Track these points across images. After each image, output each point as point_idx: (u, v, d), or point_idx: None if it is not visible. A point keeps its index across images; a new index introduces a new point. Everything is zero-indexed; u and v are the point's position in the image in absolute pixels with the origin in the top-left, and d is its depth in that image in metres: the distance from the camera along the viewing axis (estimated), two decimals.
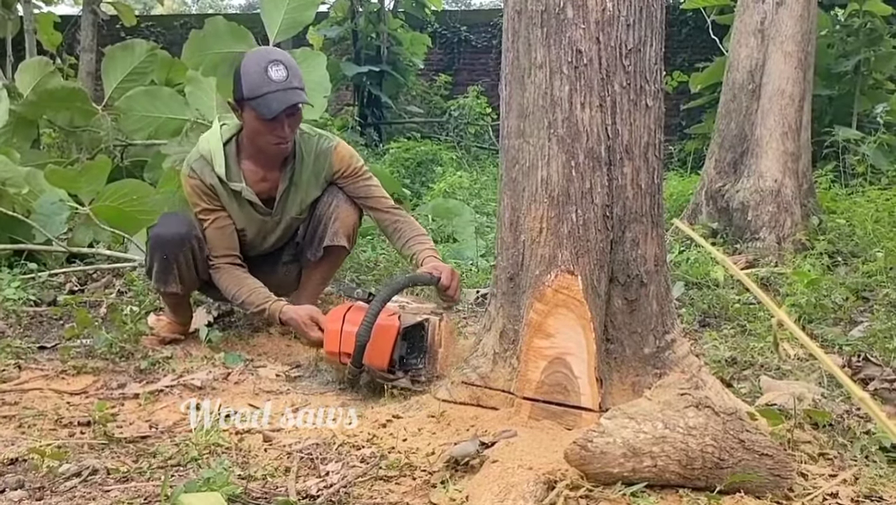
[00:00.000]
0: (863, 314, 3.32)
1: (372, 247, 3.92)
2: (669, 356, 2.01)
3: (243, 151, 2.72)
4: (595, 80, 1.91)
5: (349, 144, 2.92)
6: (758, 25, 4.97)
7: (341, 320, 2.36)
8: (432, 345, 2.37)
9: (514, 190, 2.03)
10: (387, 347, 2.30)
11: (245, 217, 2.78)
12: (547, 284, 1.90)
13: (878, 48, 7.39)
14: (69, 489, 1.63)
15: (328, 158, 2.78)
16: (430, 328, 2.37)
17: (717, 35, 8.64)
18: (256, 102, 2.51)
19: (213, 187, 2.69)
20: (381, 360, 2.31)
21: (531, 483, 1.56)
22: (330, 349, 2.37)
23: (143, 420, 2.08)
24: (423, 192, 6.31)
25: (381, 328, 2.27)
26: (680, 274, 3.97)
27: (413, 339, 2.39)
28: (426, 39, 10.37)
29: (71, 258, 3.93)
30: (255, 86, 2.51)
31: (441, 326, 2.39)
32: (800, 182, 4.95)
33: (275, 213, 2.81)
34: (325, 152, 2.78)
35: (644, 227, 1.98)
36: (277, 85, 2.50)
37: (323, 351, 2.45)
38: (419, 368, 2.38)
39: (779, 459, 1.60)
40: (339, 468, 1.75)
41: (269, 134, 2.59)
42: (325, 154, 2.78)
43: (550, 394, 1.89)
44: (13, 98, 4.53)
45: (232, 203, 2.74)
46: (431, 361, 2.37)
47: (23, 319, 3.02)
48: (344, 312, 2.39)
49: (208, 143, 2.70)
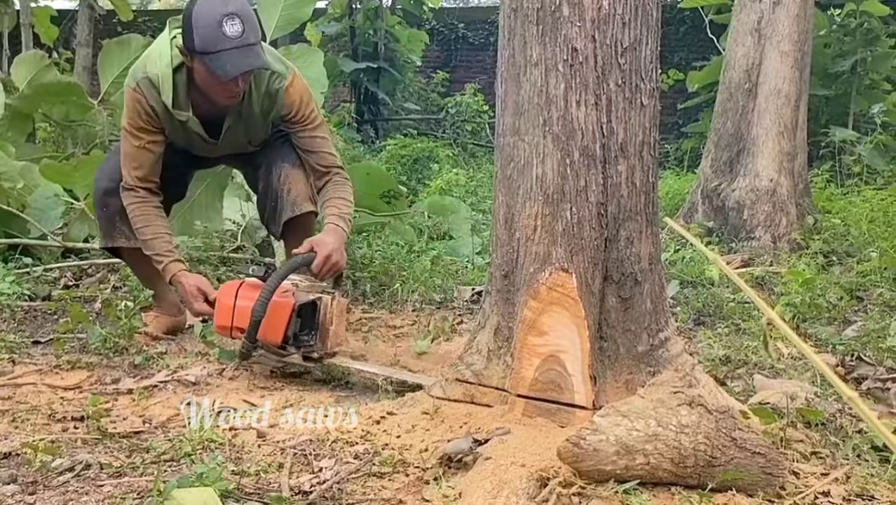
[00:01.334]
0: (857, 314, 3.33)
1: (368, 244, 3.91)
2: (663, 354, 2.01)
3: (193, 82, 2.54)
4: (590, 78, 1.91)
5: (345, 139, 2.89)
6: (755, 25, 4.98)
7: (234, 296, 2.41)
8: (324, 323, 2.41)
9: (509, 187, 2.03)
10: (281, 323, 2.35)
11: (188, 141, 2.70)
12: (541, 281, 1.90)
13: (874, 48, 7.41)
14: (62, 484, 1.63)
15: (277, 100, 2.63)
16: (323, 306, 2.42)
17: (714, 34, 8.65)
18: (209, 59, 2.37)
19: (155, 110, 2.56)
20: (275, 336, 2.35)
21: (524, 480, 1.56)
22: (221, 323, 2.43)
23: (136, 415, 2.07)
24: (419, 190, 6.31)
25: (276, 305, 2.32)
26: (675, 273, 3.98)
27: (306, 316, 2.43)
28: (424, 36, 10.36)
29: (66, 253, 3.92)
30: (208, 41, 2.36)
31: (333, 305, 2.43)
32: (795, 182, 4.96)
33: (220, 143, 2.71)
34: (275, 93, 2.62)
35: (638, 225, 1.98)
36: (233, 42, 2.35)
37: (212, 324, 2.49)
38: (311, 344, 2.42)
39: (771, 458, 1.60)
40: (333, 464, 1.75)
41: (220, 87, 2.47)
42: (275, 95, 2.63)
43: (544, 391, 1.90)
44: (9, 92, 4.52)
45: (175, 129, 2.63)
46: (322, 339, 2.41)
47: (17, 313, 3.02)
48: (237, 288, 2.44)
49: (157, 68, 2.52)
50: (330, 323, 2.42)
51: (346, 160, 5.90)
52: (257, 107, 2.65)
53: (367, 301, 3.49)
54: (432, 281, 3.62)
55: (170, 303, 2.90)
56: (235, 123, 2.68)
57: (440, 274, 3.73)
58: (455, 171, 6.68)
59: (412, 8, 10.51)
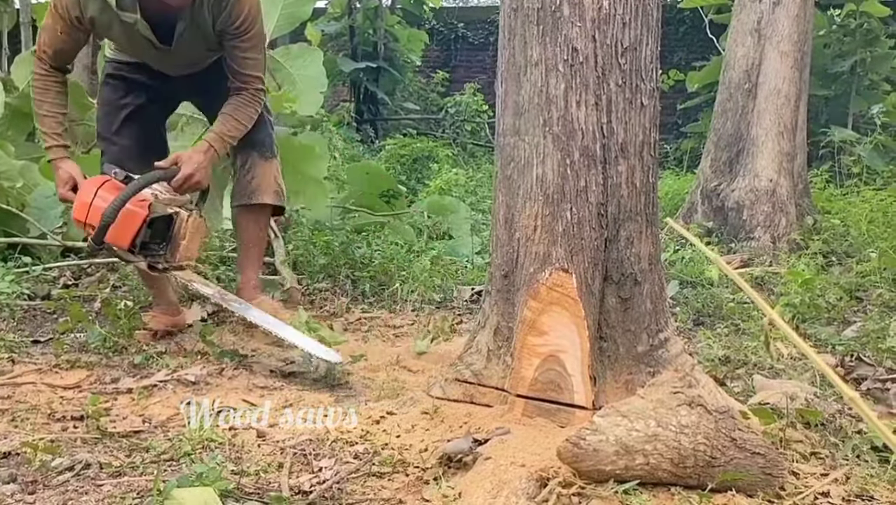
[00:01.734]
0: (856, 314, 3.33)
1: (367, 243, 3.91)
2: (663, 354, 2.01)
3: None
4: (591, 78, 1.91)
5: (344, 138, 2.88)
6: (754, 25, 4.98)
7: (93, 194, 2.48)
8: (176, 236, 2.51)
9: (509, 188, 2.03)
10: (130, 231, 2.44)
11: (138, 49, 2.63)
12: (541, 281, 1.90)
13: (874, 49, 7.42)
14: (62, 483, 1.63)
15: (227, 7, 2.53)
16: (178, 221, 2.51)
17: (714, 34, 8.65)
18: None
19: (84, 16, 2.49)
20: (122, 241, 2.45)
21: (524, 480, 1.56)
22: (77, 217, 2.52)
23: (136, 415, 2.07)
24: (418, 189, 6.31)
25: (128, 213, 2.41)
26: (674, 273, 3.98)
27: (159, 228, 2.51)
28: (423, 36, 10.35)
29: (65, 252, 3.91)
30: None
31: (189, 221, 2.51)
32: (795, 182, 4.96)
33: (174, 49, 2.60)
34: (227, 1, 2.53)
35: (638, 225, 1.98)
36: None
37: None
38: (159, 254, 2.52)
39: (770, 458, 1.61)
40: (333, 464, 1.75)
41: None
42: (226, 3, 2.53)
43: (544, 391, 1.90)
44: (9, 91, 4.51)
45: (122, 33, 2.55)
46: (172, 251, 2.51)
47: (16, 312, 3.01)
48: (98, 186, 2.50)
49: None
50: (182, 238, 2.50)
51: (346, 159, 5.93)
52: (208, 12, 2.55)
53: (366, 301, 3.49)
54: (432, 281, 3.62)
55: (168, 302, 2.90)
56: (188, 30, 2.56)
57: (440, 274, 3.73)
58: (455, 170, 6.68)
59: (412, 7, 10.51)
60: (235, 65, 2.65)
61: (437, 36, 11.78)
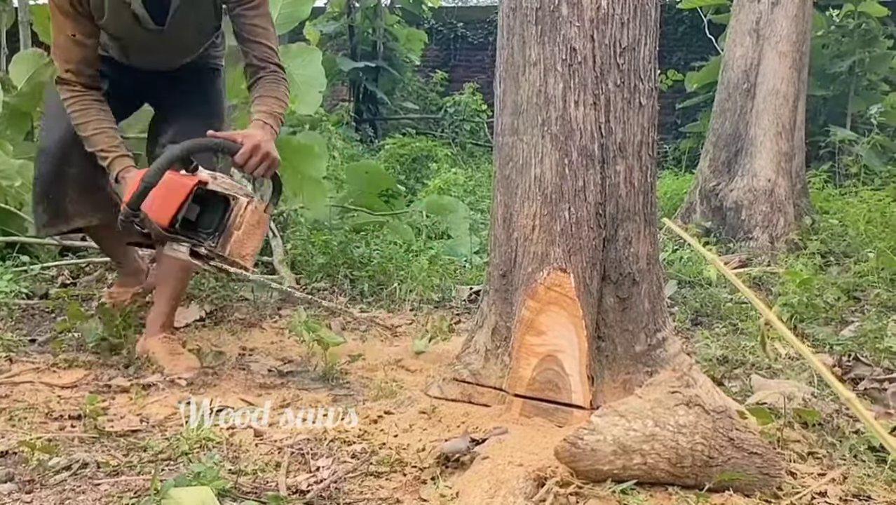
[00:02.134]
0: (854, 314, 3.34)
1: (366, 243, 3.92)
2: (661, 354, 2.01)
3: None
4: (589, 78, 1.91)
5: (343, 138, 2.86)
6: (753, 25, 4.98)
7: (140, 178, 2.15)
8: (231, 225, 2.15)
9: (507, 187, 2.03)
10: (173, 202, 2.10)
11: (128, 30, 2.44)
12: (539, 281, 1.90)
13: (872, 49, 7.43)
14: (59, 483, 1.62)
15: None
16: (236, 207, 2.16)
17: (713, 34, 8.66)
18: None
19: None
20: (162, 214, 2.10)
21: (521, 480, 1.56)
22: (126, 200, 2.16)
23: (133, 414, 2.07)
24: (417, 189, 6.31)
25: (172, 181, 2.09)
26: (673, 273, 3.98)
27: (211, 209, 2.18)
28: (423, 36, 10.35)
29: (63, 251, 3.91)
30: None
31: (247, 210, 2.16)
32: (793, 182, 4.97)
33: (166, 29, 2.44)
34: None
35: (637, 225, 1.99)
36: None
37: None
38: (202, 240, 2.17)
39: (768, 458, 1.61)
40: (330, 464, 1.75)
41: None
42: None
43: (542, 391, 1.90)
44: (7, 90, 4.51)
45: (113, 11, 2.37)
46: (222, 241, 2.16)
47: (14, 311, 3.01)
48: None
49: None
50: (237, 228, 2.15)
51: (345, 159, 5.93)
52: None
53: (364, 300, 3.49)
54: (430, 280, 3.62)
55: (131, 272, 2.88)
56: (184, 5, 2.42)
57: (438, 273, 3.74)
58: (453, 170, 6.69)
59: (411, 7, 10.50)
60: (249, 36, 2.45)
61: (437, 35, 11.78)
